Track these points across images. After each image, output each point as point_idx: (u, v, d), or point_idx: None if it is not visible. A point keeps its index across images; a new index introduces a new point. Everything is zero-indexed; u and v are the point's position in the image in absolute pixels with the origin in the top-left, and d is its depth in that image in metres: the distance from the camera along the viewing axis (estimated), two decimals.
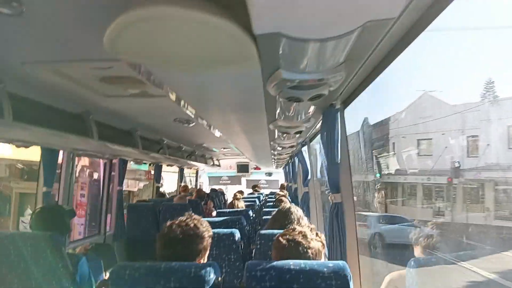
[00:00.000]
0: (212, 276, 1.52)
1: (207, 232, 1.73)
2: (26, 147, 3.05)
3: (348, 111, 2.35)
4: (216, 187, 10.29)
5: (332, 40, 1.06)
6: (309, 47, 1.10)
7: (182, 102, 2.43)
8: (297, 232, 1.68)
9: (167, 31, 1.09)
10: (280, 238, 1.68)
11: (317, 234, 1.72)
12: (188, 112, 2.78)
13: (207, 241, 1.72)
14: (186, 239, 1.65)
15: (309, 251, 1.62)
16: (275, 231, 2.27)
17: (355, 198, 2.80)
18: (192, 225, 1.68)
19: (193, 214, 1.77)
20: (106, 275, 2.76)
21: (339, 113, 2.24)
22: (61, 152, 3.69)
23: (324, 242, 1.72)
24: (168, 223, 1.71)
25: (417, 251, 1.91)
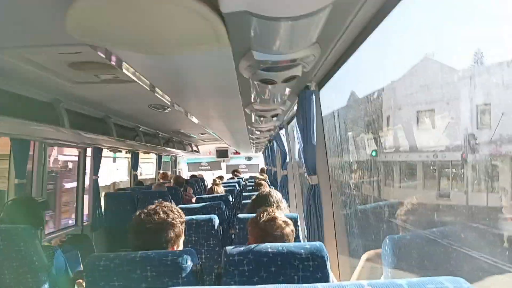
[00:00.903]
0: (189, 263, 1.51)
1: (179, 218, 1.70)
2: None
3: (331, 88, 2.35)
4: (196, 173, 10.24)
5: (304, 18, 1.03)
6: (280, 26, 1.07)
7: (156, 89, 2.37)
8: (276, 215, 1.70)
9: (129, 11, 1.04)
10: (258, 220, 1.70)
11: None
12: (162, 98, 2.73)
13: (179, 228, 1.70)
14: (156, 227, 1.62)
15: (287, 234, 1.65)
16: (254, 215, 2.27)
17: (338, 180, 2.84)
18: (161, 212, 1.65)
19: (163, 202, 1.75)
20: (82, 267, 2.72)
21: (314, 95, 2.23)
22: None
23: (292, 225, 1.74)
24: (137, 212, 1.68)
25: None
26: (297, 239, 2.26)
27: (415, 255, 1.59)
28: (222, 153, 11.37)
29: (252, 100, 2.40)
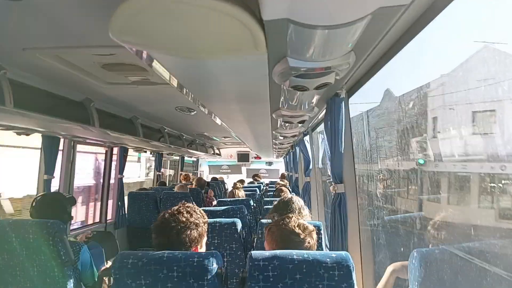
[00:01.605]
0: (214, 266, 1.52)
1: (202, 218, 1.74)
2: (27, 134, 3.04)
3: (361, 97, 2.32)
4: (217, 176, 10.30)
5: (341, 28, 1.03)
6: (317, 34, 1.07)
7: (185, 90, 2.40)
8: (296, 222, 1.70)
9: (173, 17, 1.06)
10: (279, 225, 1.70)
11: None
12: (190, 100, 2.76)
13: (202, 228, 1.73)
14: (180, 227, 1.65)
15: (306, 242, 1.66)
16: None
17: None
18: (185, 212, 1.69)
19: (185, 202, 1.78)
20: (107, 263, 2.77)
21: (343, 102, 2.22)
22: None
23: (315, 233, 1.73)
24: (161, 213, 1.71)
25: None
26: (319, 247, 2.24)
27: (443, 271, 1.55)
28: (243, 157, 11.39)
29: (280, 106, 2.40)
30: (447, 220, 1.87)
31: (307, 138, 4.61)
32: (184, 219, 1.67)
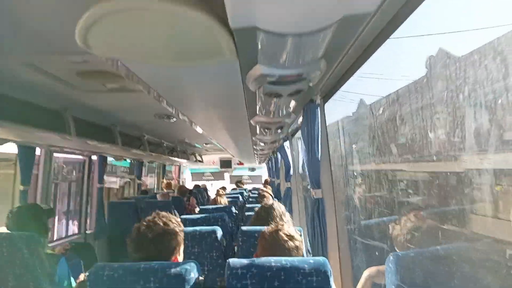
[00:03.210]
0: (192, 275, 1.50)
1: (178, 226, 1.71)
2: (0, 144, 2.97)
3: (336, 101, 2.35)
4: (200, 183, 10.23)
5: (309, 35, 1.04)
6: (287, 42, 1.08)
7: (162, 98, 2.39)
8: (282, 229, 1.70)
9: (140, 24, 1.05)
10: (267, 234, 1.69)
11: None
12: (168, 107, 2.75)
13: (180, 236, 1.71)
14: (157, 238, 1.63)
15: (295, 249, 1.66)
16: (257, 227, 2.27)
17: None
18: (161, 223, 1.66)
19: (159, 212, 1.75)
20: (85, 276, 2.71)
21: (319, 108, 2.24)
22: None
23: (299, 240, 1.74)
24: (136, 225, 1.68)
25: None
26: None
27: (420, 273, 1.57)
28: (226, 163, 11.36)
29: (258, 112, 2.41)
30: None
31: (287, 143, 4.63)
32: (160, 230, 1.64)
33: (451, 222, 1.72)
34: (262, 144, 4.69)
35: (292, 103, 2.15)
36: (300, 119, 2.66)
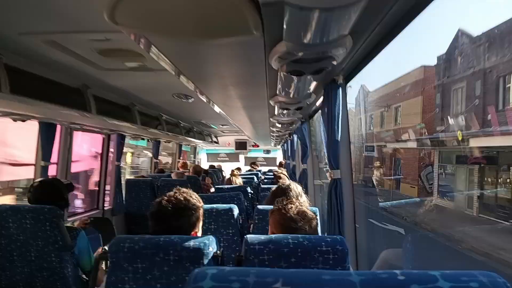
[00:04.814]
0: (210, 249, 1.53)
1: (198, 202, 1.74)
2: (23, 120, 3.03)
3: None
4: (215, 163, 10.31)
5: (338, 10, 1.03)
6: (314, 17, 1.07)
7: (182, 77, 2.39)
8: (295, 206, 1.70)
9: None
10: (278, 209, 1.70)
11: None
12: (188, 86, 2.75)
13: (199, 212, 1.73)
14: (178, 212, 1.65)
15: (305, 226, 1.65)
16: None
17: None
18: (181, 198, 1.68)
19: (180, 188, 1.77)
20: (104, 249, 2.77)
21: (340, 89, 2.21)
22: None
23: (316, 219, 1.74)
24: (157, 200, 1.71)
25: None
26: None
27: (437, 254, 1.57)
28: (241, 145, 11.36)
29: (278, 92, 2.39)
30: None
31: (304, 125, 4.61)
32: (182, 204, 1.67)
33: None
34: (279, 125, 4.68)
35: (313, 84, 2.13)
36: (320, 100, 2.64)
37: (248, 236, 1.54)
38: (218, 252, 1.59)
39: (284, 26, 1.18)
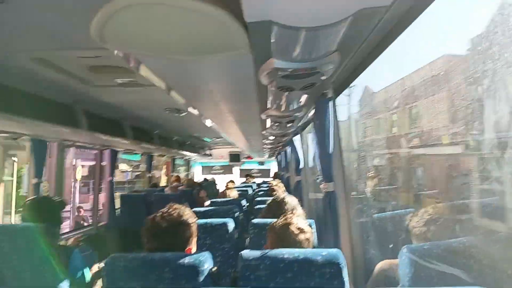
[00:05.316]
0: (206, 266, 1.52)
1: (192, 218, 1.72)
2: (14, 138, 3.01)
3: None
4: (208, 176, 10.28)
5: (324, 29, 1.04)
6: (301, 35, 1.08)
7: (173, 92, 2.40)
8: (292, 221, 1.70)
9: (155, 19, 1.06)
10: (275, 226, 1.70)
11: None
12: (179, 102, 2.76)
13: (193, 227, 1.72)
14: (172, 229, 1.64)
15: (303, 241, 1.65)
16: (269, 220, 2.27)
17: None
18: (175, 214, 1.67)
19: (173, 204, 1.76)
20: (99, 266, 2.75)
21: (331, 102, 2.23)
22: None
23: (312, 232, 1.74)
24: (151, 216, 1.69)
25: None
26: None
27: (435, 266, 1.56)
28: (235, 157, 11.35)
29: (269, 106, 2.41)
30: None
31: (297, 137, 4.63)
32: (175, 221, 1.66)
33: None
34: (272, 138, 4.69)
35: (304, 97, 2.15)
36: (311, 113, 2.65)
37: (244, 252, 1.53)
38: (214, 268, 1.58)
39: (272, 44, 1.20)
